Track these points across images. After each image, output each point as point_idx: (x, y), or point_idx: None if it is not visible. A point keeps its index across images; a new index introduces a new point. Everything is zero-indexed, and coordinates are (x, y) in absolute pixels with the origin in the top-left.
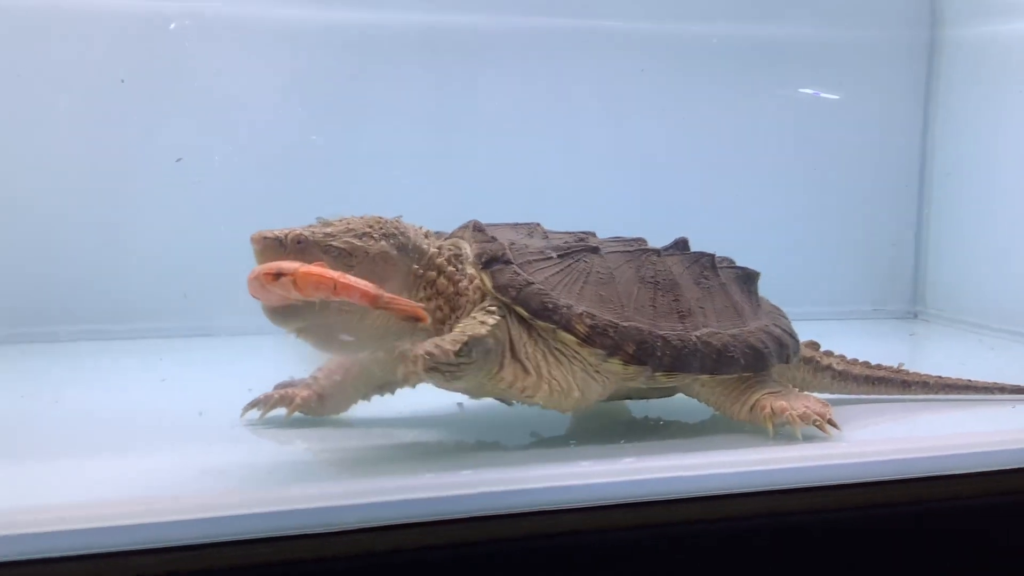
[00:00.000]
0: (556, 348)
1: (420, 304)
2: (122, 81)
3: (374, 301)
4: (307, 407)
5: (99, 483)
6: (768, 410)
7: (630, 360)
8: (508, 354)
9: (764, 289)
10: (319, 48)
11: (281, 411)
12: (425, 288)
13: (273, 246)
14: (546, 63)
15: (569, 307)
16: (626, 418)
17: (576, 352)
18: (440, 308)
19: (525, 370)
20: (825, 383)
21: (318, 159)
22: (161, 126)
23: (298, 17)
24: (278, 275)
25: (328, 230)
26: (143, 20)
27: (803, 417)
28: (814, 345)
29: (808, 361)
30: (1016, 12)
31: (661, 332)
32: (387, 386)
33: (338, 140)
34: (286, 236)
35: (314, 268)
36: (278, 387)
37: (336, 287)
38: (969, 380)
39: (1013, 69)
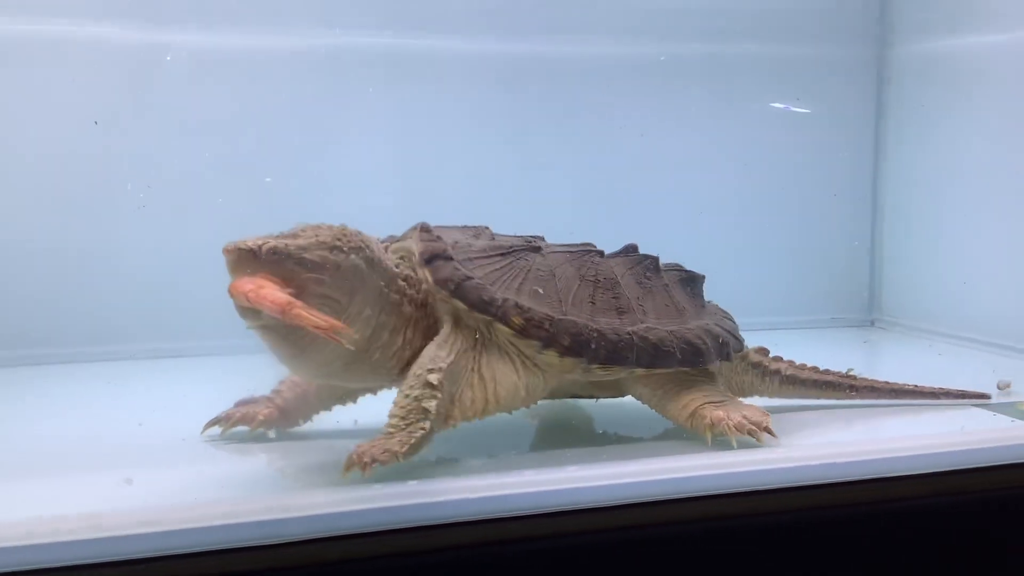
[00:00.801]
0: (498, 345)
1: (341, 324)
2: (95, 123)
3: (283, 312)
4: (269, 423)
5: (53, 501)
6: (707, 420)
7: (565, 352)
8: (460, 393)
9: (724, 299)
10: (285, 72)
11: (243, 427)
12: (390, 314)
13: (247, 257)
14: (510, 84)
15: (506, 300)
16: (571, 427)
17: (512, 344)
18: (410, 344)
19: (473, 398)
20: (773, 388)
21: (288, 180)
22: (131, 151)
23: (264, 43)
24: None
25: (300, 241)
26: (115, 50)
27: (738, 426)
28: (763, 351)
29: (756, 366)
30: (959, 29)
31: (597, 326)
32: (349, 396)
33: (307, 161)
34: (260, 247)
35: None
36: (239, 404)
37: (248, 297)
38: (916, 385)
39: (958, 83)
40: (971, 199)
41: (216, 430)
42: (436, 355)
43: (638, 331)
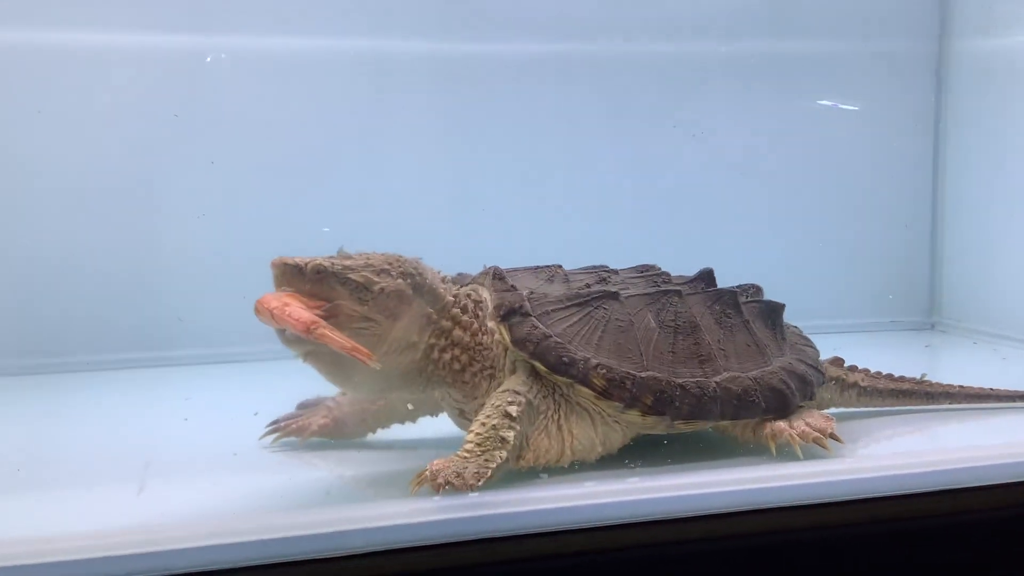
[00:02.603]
0: (577, 402)
1: (369, 352)
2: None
3: (307, 330)
4: (324, 433)
5: (109, 513)
6: (769, 430)
7: (648, 411)
8: (533, 435)
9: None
10: (334, 77)
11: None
12: (439, 337)
13: (292, 272)
14: (558, 85)
15: (586, 360)
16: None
17: (595, 404)
18: (457, 359)
19: (548, 446)
20: (851, 400)
21: (335, 182)
22: (174, 156)
23: (313, 48)
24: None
25: (348, 262)
26: (158, 58)
27: (802, 435)
28: (839, 362)
29: (835, 380)
30: (1020, 23)
31: (679, 380)
32: (409, 417)
33: (355, 164)
34: (306, 264)
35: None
36: (301, 405)
37: (273, 314)
38: (991, 389)
39: (1020, 78)
40: None
41: (267, 439)
42: (516, 389)
43: (722, 382)
